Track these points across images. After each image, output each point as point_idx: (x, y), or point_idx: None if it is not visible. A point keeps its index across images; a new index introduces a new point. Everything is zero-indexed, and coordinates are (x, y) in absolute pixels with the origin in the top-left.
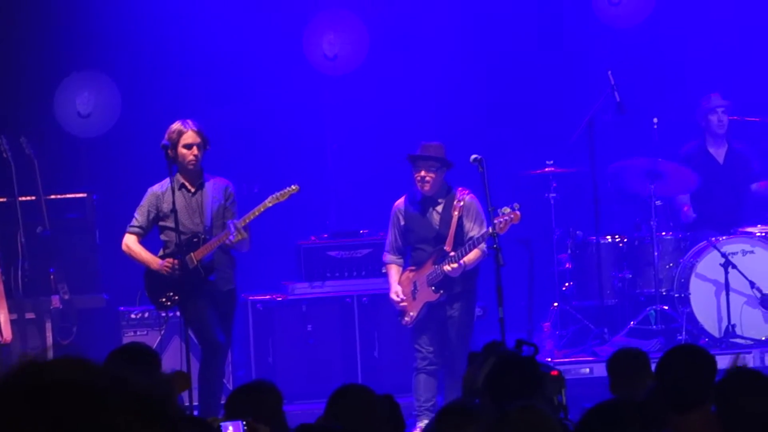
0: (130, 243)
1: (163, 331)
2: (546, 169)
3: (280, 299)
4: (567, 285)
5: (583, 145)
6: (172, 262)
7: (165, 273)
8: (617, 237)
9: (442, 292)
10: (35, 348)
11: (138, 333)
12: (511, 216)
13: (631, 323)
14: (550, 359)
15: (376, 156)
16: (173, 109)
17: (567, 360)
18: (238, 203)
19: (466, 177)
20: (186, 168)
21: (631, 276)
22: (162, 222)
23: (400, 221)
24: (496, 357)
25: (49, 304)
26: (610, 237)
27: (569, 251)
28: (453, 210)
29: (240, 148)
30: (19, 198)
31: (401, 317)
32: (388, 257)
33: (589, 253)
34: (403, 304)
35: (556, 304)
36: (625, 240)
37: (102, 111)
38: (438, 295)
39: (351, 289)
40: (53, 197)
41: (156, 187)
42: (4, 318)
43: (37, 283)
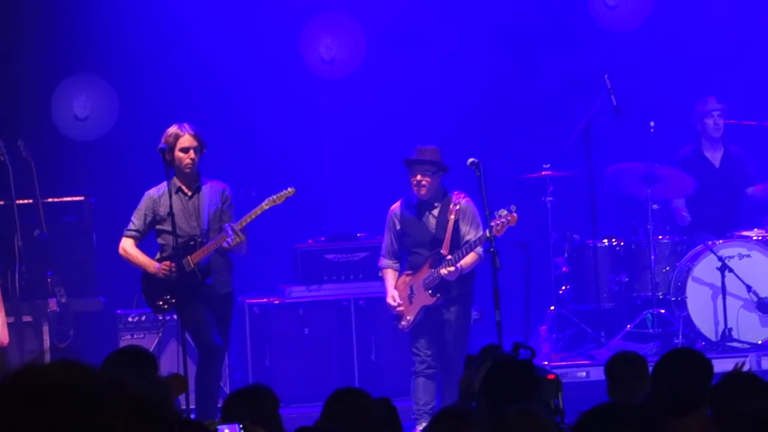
0: (127, 246)
1: (161, 334)
2: (543, 173)
3: (277, 302)
4: (564, 288)
5: (580, 149)
6: (169, 265)
7: (162, 276)
8: (614, 240)
9: (439, 295)
10: (32, 351)
11: (135, 336)
12: (508, 218)
13: (628, 327)
14: (546, 363)
15: (373, 159)
16: (170, 113)
17: (564, 363)
18: (235, 206)
19: (463, 180)
20: (183, 171)
21: (628, 279)
22: (159, 225)
23: (396, 225)
24: (492, 360)
25: (46, 307)
26: (606, 240)
27: (566, 255)
28: (449, 214)
29: (237, 151)
30: (17, 201)
31: (398, 321)
32: (384, 262)
33: (586, 257)
34: (400, 308)
35: (552, 307)
36: (622, 243)
37: (99, 114)
38: (435, 299)
39: (348, 293)
40: (50, 200)
41: (153, 191)
42: (1, 321)
43: (35, 287)
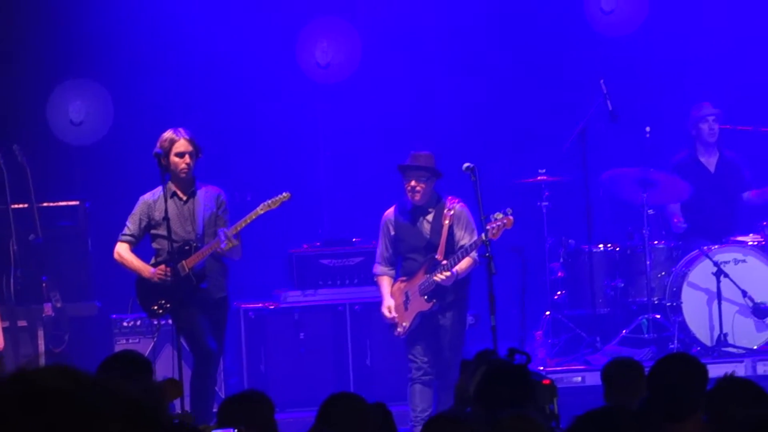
0: (121, 251)
1: (156, 339)
2: (538, 178)
3: (272, 307)
4: (559, 293)
5: (576, 154)
6: (163, 269)
7: (157, 281)
8: (609, 246)
9: (435, 301)
10: (28, 356)
11: (130, 341)
12: (504, 221)
13: (624, 332)
14: (542, 368)
15: (368, 164)
16: (165, 118)
17: (559, 369)
18: (230, 211)
19: (458, 185)
20: (178, 176)
21: (624, 285)
22: (154, 230)
23: (390, 231)
24: (487, 365)
25: (42, 311)
26: (602, 246)
27: (561, 260)
28: (443, 219)
29: (232, 156)
30: (12, 206)
31: (394, 329)
32: (378, 269)
33: (582, 262)
34: (395, 320)
35: (548, 312)
36: (618, 249)
37: (94, 119)
38: (431, 305)
39: (343, 297)
40: (46, 205)
41: (148, 196)
42: None
43: (30, 291)
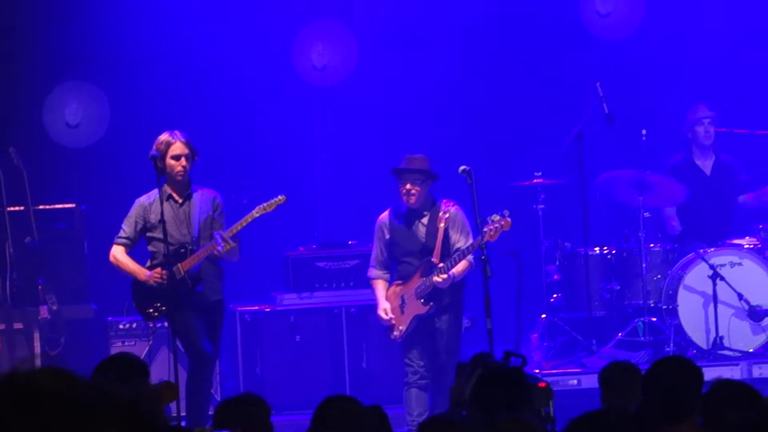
0: (117, 254)
1: (151, 342)
2: (534, 181)
3: (268, 310)
4: (555, 296)
5: (572, 157)
6: (159, 272)
7: (152, 284)
8: (605, 248)
9: (431, 304)
10: (23, 358)
11: (126, 343)
12: (502, 223)
13: (619, 335)
14: (538, 371)
15: (364, 167)
16: (162, 120)
17: (555, 371)
18: (226, 214)
19: (454, 188)
20: (174, 179)
21: (619, 287)
22: (149, 233)
23: (385, 235)
24: (483, 368)
25: (38, 314)
26: (598, 248)
27: (557, 262)
28: (438, 222)
29: (228, 159)
30: (8, 208)
31: (390, 332)
32: (373, 272)
33: (578, 265)
34: (392, 322)
35: (544, 315)
36: (614, 251)
37: (91, 121)
38: (427, 308)
39: (339, 300)
40: (42, 208)
41: (143, 198)
42: None
43: (26, 294)
